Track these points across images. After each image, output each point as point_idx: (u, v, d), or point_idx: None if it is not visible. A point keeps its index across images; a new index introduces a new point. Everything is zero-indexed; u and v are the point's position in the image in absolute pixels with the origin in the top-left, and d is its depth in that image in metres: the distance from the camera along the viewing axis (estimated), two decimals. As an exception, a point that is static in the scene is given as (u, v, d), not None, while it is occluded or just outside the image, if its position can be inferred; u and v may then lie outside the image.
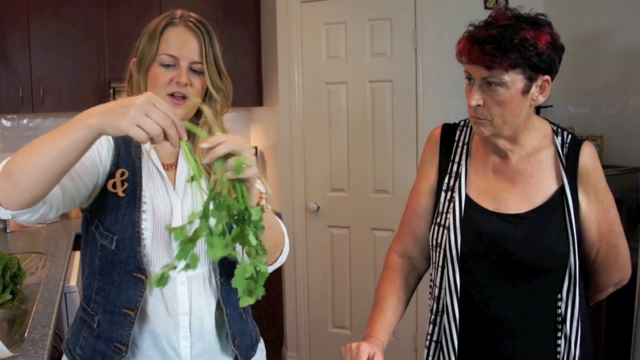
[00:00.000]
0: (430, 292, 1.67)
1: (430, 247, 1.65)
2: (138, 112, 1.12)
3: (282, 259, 1.55)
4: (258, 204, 1.26)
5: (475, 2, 3.53)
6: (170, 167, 1.54)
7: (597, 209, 1.54)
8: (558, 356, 1.52)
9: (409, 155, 3.62)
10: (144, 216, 1.45)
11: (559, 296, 1.51)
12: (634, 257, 1.67)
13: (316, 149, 3.87)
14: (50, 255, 2.94)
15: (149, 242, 1.46)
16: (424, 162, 1.72)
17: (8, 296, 2.13)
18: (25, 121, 4.09)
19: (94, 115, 1.15)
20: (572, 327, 1.51)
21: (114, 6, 3.86)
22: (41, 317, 2.03)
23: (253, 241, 1.16)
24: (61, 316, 2.47)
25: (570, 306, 1.51)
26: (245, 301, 1.16)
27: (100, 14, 3.83)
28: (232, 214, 1.15)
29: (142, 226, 1.45)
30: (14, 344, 1.80)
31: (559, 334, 1.52)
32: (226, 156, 1.15)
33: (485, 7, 3.51)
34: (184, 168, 1.54)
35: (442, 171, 1.66)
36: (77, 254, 3.12)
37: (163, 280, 1.17)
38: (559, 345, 1.52)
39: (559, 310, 1.51)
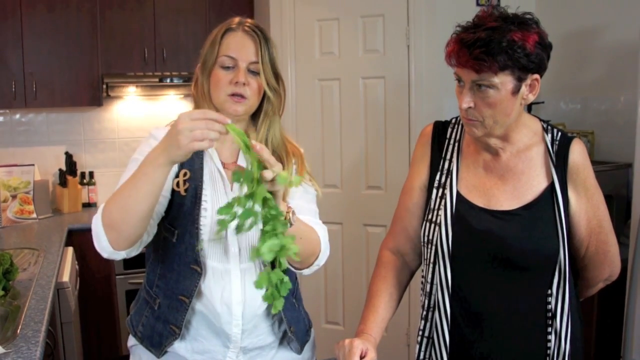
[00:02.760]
0: (421, 288, 1.68)
1: (422, 244, 1.67)
2: (185, 133, 1.27)
3: (319, 263, 1.63)
4: (285, 218, 1.36)
5: (467, -1, 3.55)
6: (230, 166, 1.64)
7: (586, 206, 1.56)
8: (548, 351, 1.54)
9: (401, 151, 3.63)
10: (203, 213, 1.56)
11: (549, 292, 1.53)
12: (624, 253, 1.69)
13: (309, 145, 3.86)
14: (43, 251, 2.93)
15: (206, 237, 1.57)
16: (415, 159, 1.74)
17: (0, 292, 2.13)
18: (17, 116, 4.08)
19: (160, 155, 1.34)
20: (562, 323, 1.53)
21: (108, 1, 3.85)
22: (34, 314, 2.02)
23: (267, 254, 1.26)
24: (54, 312, 2.47)
25: (560, 302, 1.53)
26: (275, 307, 1.30)
27: (94, 9, 3.81)
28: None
29: (201, 223, 1.56)
30: (7, 340, 1.80)
31: (549, 330, 1.53)
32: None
33: (477, 4, 3.53)
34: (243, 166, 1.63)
35: (434, 168, 1.68)
36: (70, 249, 3.12)
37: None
38: (549, 341, 1.53)
39: (549, 306, 1.53)
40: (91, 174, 4.18)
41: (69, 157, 4.05)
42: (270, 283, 1.29)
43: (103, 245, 1.45)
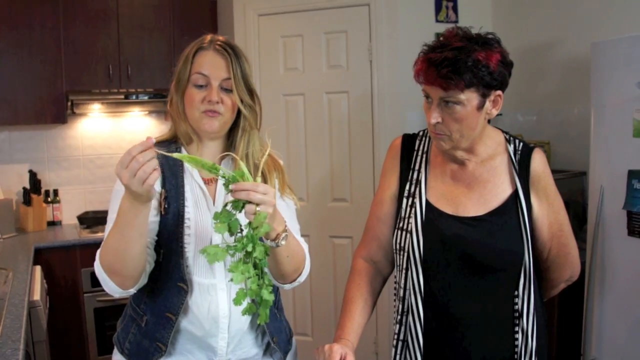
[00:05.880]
0: (395, 294, 1.75)
1: (394, 251, 1.74)
2: (132, 182, 1.29)
3: (301, 279, 1.68)
4: (276, 238, 1.44)
5: (427, 15, 3.66)
6: (211, 182, 1.66)
7: (548, 211, 1.66)
8: (516, 349, 1.62)
9: (365, 164, 3.72)
10: (187, 231, 1.58)
11: (516, 293, 1.62)
12: (581, 256, 1.79)
13: (275, 159, 3.91)
14: (11, 270, 2.90)
15: (191, 254, 1.59)
16: (385, 171, 1.81)
17: (-26, 312, 2.12)
18: (-22, 133, 4.03)
19: (132, 203, 1.35)
20: (529, 322, 1.61)
21: (71, 17, 3.84)
22: (10, 332, 2.02)
23: (245, 271, 1.35)
24: (28, 331, 2.46)
25: (526, 302, 1.61)
26: (260, 317, 1.38)
27: (57, 25, 3.80)
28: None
29: (185, 241, 1.58)
30: (-15, 359, 1.80)
31: (517, 329, 1.62)
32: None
33: (437, 21, 3.64)
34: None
35: (403, 179, 1.76)
36: (38, 268, 3.10)
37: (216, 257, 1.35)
38: (517, 339, 1.62)
39: (516, 306, 1.62)
40: (56, 192, 4.15)
41: (32, 175, 4.02)
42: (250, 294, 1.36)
43: (112, 288, 1.50)
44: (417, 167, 1.75)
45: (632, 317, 2.50)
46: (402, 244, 1.69)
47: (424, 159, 1.75)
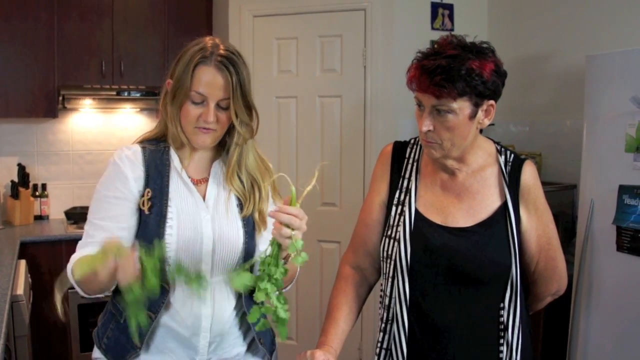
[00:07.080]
0: (380, 302, 1.74)
1: (381, 259, 1.73)
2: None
3: (287, 288, 1.71)
4: (287, 257, 1.51)
5: (423, 23, 3.67)
6: (201, 182, 1.67)
7: (536, 224, 1.65)
8: (500, 362, 1.61)
9: (356, 169, 3.71)
10: (168, 231, 1.57)
11: (502, 305, 1.61)
12: (569, 269, 1.78)
13: (265, 161, 3.90)
14: (-5, 264, 2.88)
15: (173, 254, 1.57)
16: (375, 177, 1.80)
17: (-45, 305, 2.10)
18: (-32, 126, 3.99)
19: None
20: (514, 335, 1.60)
21: (66, 11, 3.82)
22: (-10, 327, 2.00)
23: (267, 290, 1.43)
24: (9, 326, 2.43)
25: (512, 315, 1.60)
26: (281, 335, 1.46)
27: (52, 19, 3.78)
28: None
29: (167, 241, 1.57)
30: (-37, 353, 1.78)
31: (502, 341, 1.61)
32: None
33: (432, 28, 3.65)
34: (214, 184, 1.67)
35: (393, 186, 1.75)
36: (23, 262, 3.07)
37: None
38: (502, 352, 1.61)
39: (502, 319, 1.61)
40: (44, 186, 4.11)
41: (21, 168, 3.98)
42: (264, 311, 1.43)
43: (82, 293, 1.54)
44: (407, 175, 1.74)
45: (617, 333, 2.49)
46: (390, 252, 1.68)
47: (414, 168, 1.74)
